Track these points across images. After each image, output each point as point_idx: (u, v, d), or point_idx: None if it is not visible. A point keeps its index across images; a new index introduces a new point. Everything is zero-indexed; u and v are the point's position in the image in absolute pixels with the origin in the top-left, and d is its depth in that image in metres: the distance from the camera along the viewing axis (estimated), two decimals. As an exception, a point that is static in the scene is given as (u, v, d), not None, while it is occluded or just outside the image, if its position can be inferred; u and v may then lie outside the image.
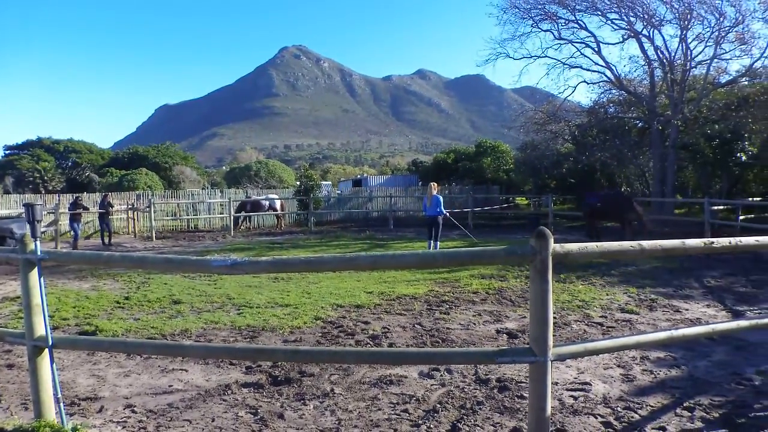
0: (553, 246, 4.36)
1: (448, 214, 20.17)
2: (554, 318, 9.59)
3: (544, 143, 39.39)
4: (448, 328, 9.21)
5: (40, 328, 5.32)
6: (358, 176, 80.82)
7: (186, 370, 7.41)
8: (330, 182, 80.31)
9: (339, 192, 47.38)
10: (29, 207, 5.50)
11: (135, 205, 33.34)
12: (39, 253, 5.24)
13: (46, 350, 5.35)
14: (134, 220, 32.45)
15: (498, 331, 8.99)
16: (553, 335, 5.59)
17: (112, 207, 28.20)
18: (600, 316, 9.94)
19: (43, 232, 26.30)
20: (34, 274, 5.27)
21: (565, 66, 35.23)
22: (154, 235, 28.98)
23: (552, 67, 36.61)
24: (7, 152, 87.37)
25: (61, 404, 5.41)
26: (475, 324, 9.52)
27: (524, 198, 47.72)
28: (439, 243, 19.76)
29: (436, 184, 20.35)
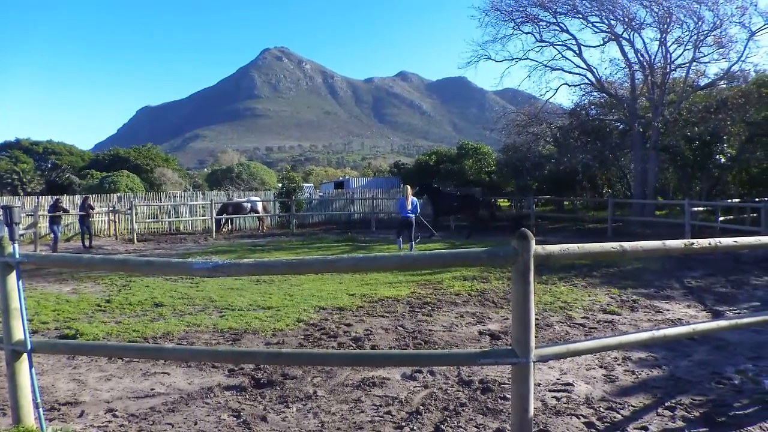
0: (535, 247, 4.37)
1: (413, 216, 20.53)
2: (536, 319, 9.63)
3: (525, 145, 39.52)
4: (430, 330, 9.22)
5: (19, 333, 5.26)
6: (340, 178, 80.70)
7: (168, 374, 7.37)
8: (312, 184, 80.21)
9: (321, 194, 47.32)
10: (7, 209, 5.45)
11: (116, 208, 33.20)
12: (17, 256, 5.18)
13: (25, 355, 5.30)
14: (115, 222, 32.29)
15: (480, 333, 9.00)
16: (536, 336, 5.62)
17: (92, 209, 28.03)
18: (582, 317, 9.99)
19: (21, 235, 26.12)
20: (13, 277, 5.22)
21: (547, 68, 35.39)
22: (135, 237, 28.85)
23: (533, 69, 36.78)
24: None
25: (41, 409, 5.36)
26: (457, 326, 9.53)
27: (506, 200, 47.86)
28: (413, 244, 20.02)
29: (408, 187, 20.78)
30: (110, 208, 32.92)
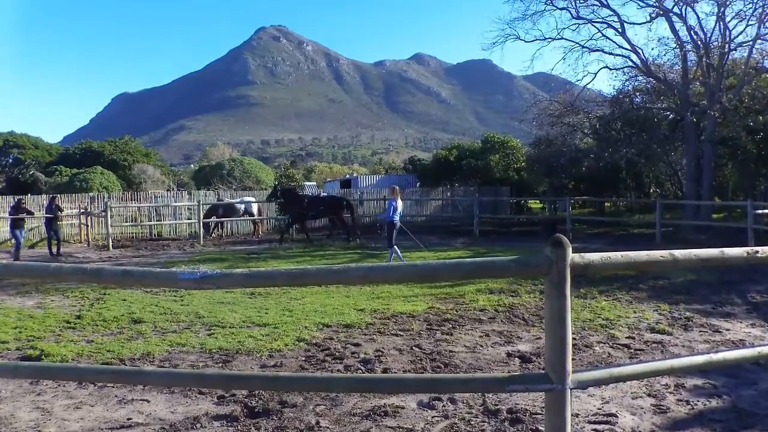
0: (572, 256, 4.34)
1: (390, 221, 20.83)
2: (574, 339, 9.58)
3: (560, 138, 39.50)
4: (451, 351, 9.20)
5: None
6: (347, 176, 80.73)
7: (148, 401, 7.38)
8: (315, 183, 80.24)
9: (325, 194, 47.41)
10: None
11: (88, 209, 33.29)
12: None
13: None
14: (87, 226, 32.36)
15: (509, 355, 8.98)
16: (573, 359, 5.60)
17: (61, 211, 28.06)
18: (627, 337, 9.94)
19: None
20: None
21: (585, 49, 35.31)
22: (110, 243, 28.91)
23: (569, 50, 36.69)
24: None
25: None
26: (482, 346, 9.51)
27: (538, 201, 47.80)
28: (396, 250, 20.37)
29: (395, 188, 21.40)
30: (82, 210, 33.02)
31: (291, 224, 29.47)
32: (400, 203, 20.64)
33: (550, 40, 35.71)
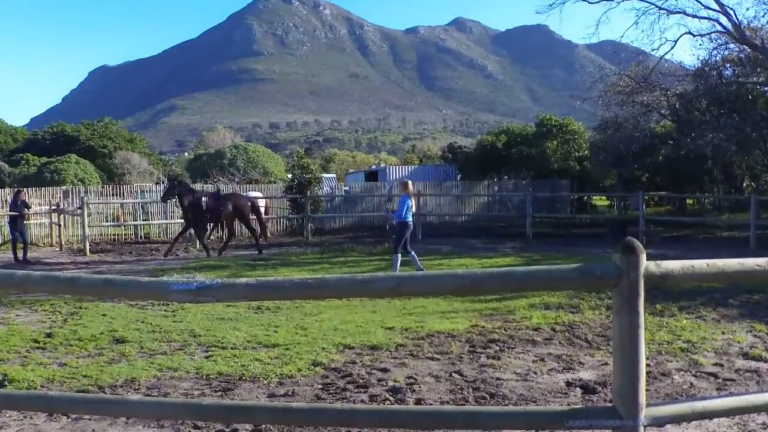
0: (646, 264, 4.33)
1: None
2: (648, 365, 9.53)
3: (631, 120, 39.23)
4: (498, 379, 9.19)
5: None
6: (373, 167, 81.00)
7: (133, 436, 7.44)
8: (334, 174, 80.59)
9: (347, 188, 47.55)
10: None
11: (61, 206, 33.43)
12: None
13: None
14: (60, 226, 32.54)
15: (569, 384, 8.96)
16: (647, 390, 5.58)
17: (28, 208, 28.18)
18: (714, 364, 9.88)
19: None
20: None
21: (662, 11, 35.05)
22: (87, 247, 29.09)
23: (643, 13, 36.42)
24: None
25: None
26: (536, 373, 9.50)
27: (604, 197, 47.62)
28: (400, 258, 20.34)
29: (407, 181, 21.39)
30: (53, 207, 33.19)
31: (195, 228, 27.99)
32: (413, 201, 20.65)
33: (619, 1, 35.53)
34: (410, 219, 20.42)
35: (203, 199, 26.59)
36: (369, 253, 26.60)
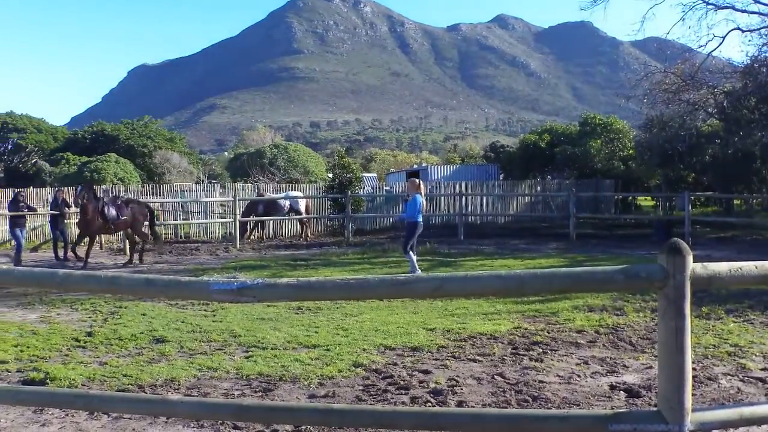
0: (693, 266, 4.30)
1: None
2: (694, 369, 9.46)
3: (677, 119, 38.93)
4: (541, 382, 9.16)
5: None
6: (415, 166, 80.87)
7: (173, 436, 7.48)
8: (375, 174, 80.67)
9: (388, 188, 47.58)
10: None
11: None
12: None
13: None
14: (101, 226, 32.84)
15: (612, 387, 8.91)
16: (693, 394, 5.54)
17: (68, 207, 28.39)
18: (762, 369, 9.77)
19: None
20: None
21: (710, 6, 34.77)
22: (127, 246, 29.25)
23: (690, 8, 36.16)
24: None
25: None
26: (579, 376, 9.46)
27: (649, 197, 47.30)
28: (412, 257, 20.28)
29: (417, 180, 21.63)
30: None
31: (81, 238, 26.35)
32: (424, 200, 20.73)
33: (665, -4, 35.19)
34: (420, 219, 20.28)
35: (106, 206, 24.98)
36: (410, 253, 26.57)
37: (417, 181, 21.26)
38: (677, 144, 38.04)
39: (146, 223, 26.48)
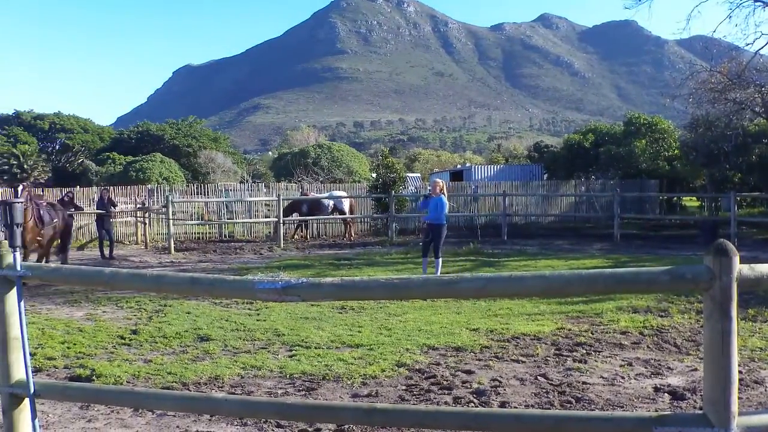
0: (739, 267, 4.25)
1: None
2: (740, 372, 9.38)
3: (724, 118, 38.59)
4: (584, 383, 9.13)
5: (20, 371, 5.37)
6: (458, 166, 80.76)
7: (217, 434, 7.52)
8: (419, 174, 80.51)
9: (431, 188, 47.49)
10: (5, 206, 5.59)
11: (146, 205, 33.89)
12: (19, 268, 5.31)
13: (27, 400, 5.36)
14: (145, 224, 33.00)
15: (656, 389, 8.85)
16: (739, 398, 5.48)
17: (114, 206, 28.65)
18: (808, 371, 9.70)
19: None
20: (13, 296, 5.32)
21: (758, 4, 34.42)
22: (172, 245, 29.44)
23: (737, 5, 35.80)
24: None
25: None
26: (623, 377, 9.40)
27: (694, 198, 46.91)
28: (441, 261, 20.01)
29: (441, 181, 21.03)
30: (138, 206, 33.66)
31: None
32: (435, 200, 20.34)
33: (712, -8, 34.94)
34: (440, 221, 20.11)
35: (41, 208, 23.10)
36: (454, 253, 26.49)
37: (441, 182, 21.04)
38: (723, 144, 37.72)
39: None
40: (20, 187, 15.62)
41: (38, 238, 20.52)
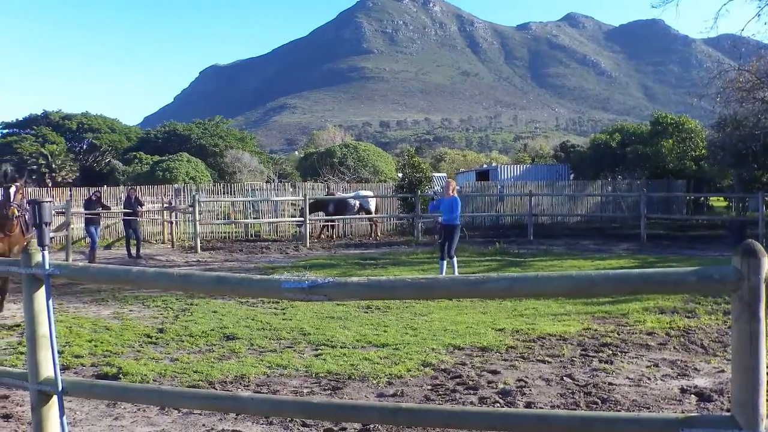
0: (768, 268, 4.23)
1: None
2: (768, 372, 9.32)
3: (752, 118, 38.31)
4: (610, 384, 9.09)
5: (48, 368, 5.41)
6: (484, 166, 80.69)
7: (242, 433, 7.53)
8: (445, 174, 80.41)
9: (458, 188, 47.46)
10: (35, 205, 5.63)
11: (172, 204, 33.97)
12: (48, 266, 5.35)
13: (55, 398, 5.42)
14: (171, 224, 33.13)
15: (683, 390, 8.80)
16: None
17: (141, 206, 28.76)
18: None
19: (51, 239, 27.11)
20: (41, 294, 5.36)
21: (788, 2, 34.11)
22: (198, 244, 29.49)
23: (766, 3, 35.53)
24: (4, 131, 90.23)
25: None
26: (649, 378, 9.36)
27: (722, 198, 46.65)
28: (457, 260, 19.93)
29: (454, 182, 20.84)
30: (165, 205, 33.74)
31: None
32: (450, 200, 20.04)
33: (740, -9, 34.71)
34: (454, 222, 19.95)
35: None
36: (480, 253, 26.49)
37: (453, 182, 20.99)
38: (751, 143, 37.46)
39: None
40: (12, 189, 13.87)
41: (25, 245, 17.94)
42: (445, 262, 19.85)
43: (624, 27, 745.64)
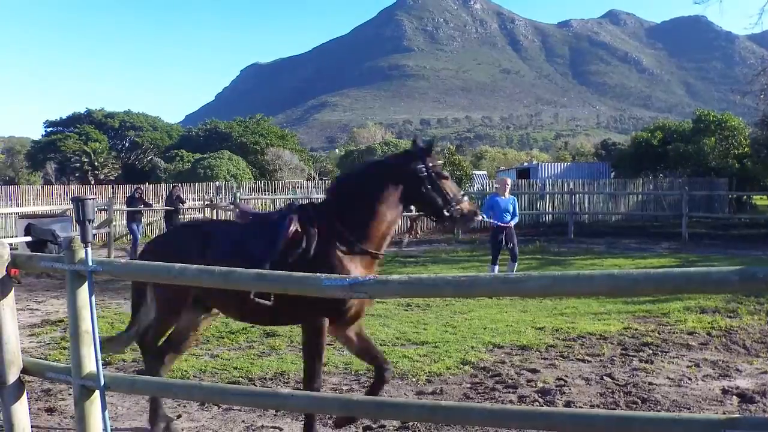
0: (813, 268, 4.18)
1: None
2: (812, 374, 9.25)
3: (797, 115, 38.00)
4: (650, 384, 9.04)
5: (90, 363, 5.44)
6: (525, 164, 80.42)
7: (281, 429, 7.57)
8: (485, 172, 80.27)
9: (497, 186, 47.38)
10: (78, 202, 5.65)
11: (214, 201, 34.11)
12: (91, 263, 5.38)
13: (97, 392, 5.47)
14: (213, 220, 33.28)
15: (724, 391, 8.74)
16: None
17: (182, 203, 28.88)
18: None
19: (94, 236, 27.29)
20: (84, 290, 5.39)
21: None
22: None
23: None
24: (48, 130, 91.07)
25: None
26: (690, 379, 9.29)
27: (765, 197, 46.22)
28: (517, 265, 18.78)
29: (509, 180, 20.12)
30: (206, 202, 33.87)
31: None
32: (508, 200, 18.98)
33: (785, -14, 34.37)
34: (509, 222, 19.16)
35: None
36: (520, 251, 26.34)
37: (507, 179, 19.94)
38: (796, 142, 37.12)
39: None
40: None
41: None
42: (497, 267, 18.40)
43: (666, 24, 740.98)
